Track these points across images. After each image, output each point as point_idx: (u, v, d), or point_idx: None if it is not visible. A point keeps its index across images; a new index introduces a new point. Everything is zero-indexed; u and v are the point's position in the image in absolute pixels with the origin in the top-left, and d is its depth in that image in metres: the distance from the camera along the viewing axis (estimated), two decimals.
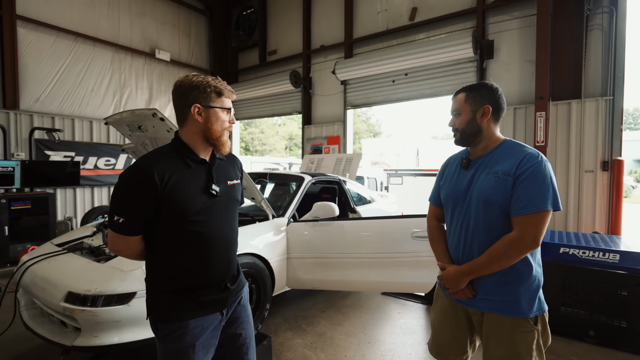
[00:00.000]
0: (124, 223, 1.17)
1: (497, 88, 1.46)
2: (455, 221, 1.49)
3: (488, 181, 1.37)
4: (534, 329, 1.34)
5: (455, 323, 1.53)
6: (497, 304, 1.38)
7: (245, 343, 1.41)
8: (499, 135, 1.47)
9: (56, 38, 6.51)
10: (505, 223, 1.35)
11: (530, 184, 1.28)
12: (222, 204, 1.31)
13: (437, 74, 6.35)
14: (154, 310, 1.26)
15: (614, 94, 4.86)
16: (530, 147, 1.39)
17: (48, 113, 6.44)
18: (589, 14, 4.99)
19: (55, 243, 2.85)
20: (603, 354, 2.71)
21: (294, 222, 3.23)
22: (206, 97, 1.23)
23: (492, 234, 1.36)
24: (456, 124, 1.48)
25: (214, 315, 1.29)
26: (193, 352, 1.23)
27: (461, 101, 1.47)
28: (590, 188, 5.01)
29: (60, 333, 2.11)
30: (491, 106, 1.43)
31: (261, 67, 9.07)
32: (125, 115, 2.59)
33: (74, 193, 6.81)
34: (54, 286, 2.14)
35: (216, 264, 1.30)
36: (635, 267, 2.71)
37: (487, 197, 1.36)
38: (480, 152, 1.47)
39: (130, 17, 7.66)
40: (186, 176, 1.22)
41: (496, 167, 1.38)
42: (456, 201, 1.49)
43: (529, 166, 1.30)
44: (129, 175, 1.17)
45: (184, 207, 1.20)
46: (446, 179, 1.58)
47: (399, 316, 3.44)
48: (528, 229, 1.27)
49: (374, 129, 34.21)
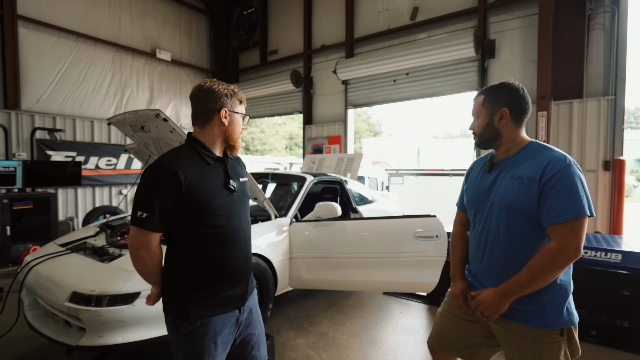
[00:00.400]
0: (147, 218, 1.19)
1: (518, 88, 1.38)
2: (477, 226, 1.45)
3: (511, 186, 1.31)
4: (560, 340, 1.27)
5: (469, 325, 1.47)
6: (520, 313, 1.31)
7: (258, 341, 1.46)
8: (524, 137, 1.40)
9: (57, 38, 6.52)
10: (527, 229, 1.29)
11: (561, 190, 1.20)
12: (238, 199, 1.38)
13: (438, 74, 6.36)
14: (174, 307, 1.27)
15: (615, 94, 4.86)
16: (557, 150, 1.30)
17: (49, 113, 6.45)
18: (590, 14, 4.99)
19: (58, 243, 2.86)
20: (605, 353, 2.71)
21: (296, 222, 3.23)
22: (232, 103, 1.35)
23: (513, 241, 1.31)
24: (475, 127, 1.46)
25: (233, 313, 1.33)
26: (215, 348, 1.27)
27: (479, 104, 1.44)
28: (592, 188, 5.01)
29: (65, 333, 2.12)
30: (509, 109, 1.37)
31: (262, 66, 9.07)
32: (129, 115, 2.60)
33: (76, 193, 6.82)
34: (59, 286, 2.15)
35: (238, 257, 1.35)
36: (637, 267, 2.71)
37: (510, 203, 1.30)
38: (503, 155, 1.42)
39: (131, 17, 7.66)
40: (207, 172, 1.29)
41: (520, 172, 1.31)
42: (478, 205, 1.44)
43: (556, 171, 1.22)
44: (153, 171, 1.22)
45: (208, 201, 1.25)
46: (470, 182, 1.55)
47: (400, 316, 3.44)
48: (567, 237, 1.19)
49: (375, 128, 34.21)
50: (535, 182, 1.25)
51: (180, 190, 1.20)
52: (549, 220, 1.22)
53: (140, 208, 1.20)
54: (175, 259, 1.30)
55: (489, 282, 1.38)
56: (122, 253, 2.44)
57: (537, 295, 1.27)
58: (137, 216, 1.19)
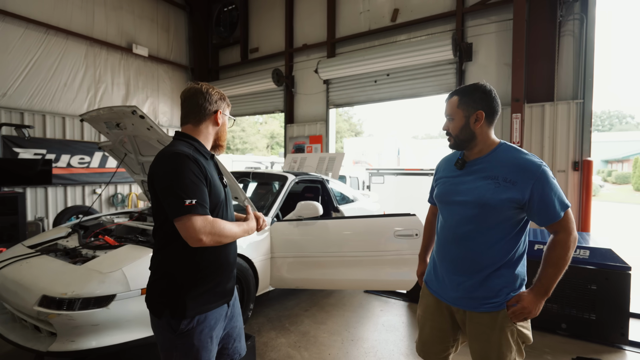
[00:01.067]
0: (197, 204, 1.17)
1: (491, 90, 1.43)
2: (448, 220, 1.50)
3: (488, 186, 1.37)
4: (512, 326, 1.38)
5: (439, 321, 1.56)
6: (478, 303, 1.41)
7: (239, 333, 1.52)
8: (494, 138, 1.46)
9: (25, 29, 6.19)
10: (499, 225, 1.38)
11: (547, 193, 1.31)
12: (228, 195, 1.45)
13: (418, 75, 6.47)
14: (170, 306, 1.24)
15: (584, 98, 5.10)
16: (527, 152, 1.39)
17: (17, 108, 6.13)
18: (561, 20, 5.21)
19: (27, 245, 2.72)
20: (574, 345, 2.84)
21: (277, 221, 3.21)
22: (224, 106, 1.45)
23: (486, 235, 1.40)
24: (450, 128, 1.46)
25: (224, 307, 1.38)
26: (211, 342, 1.31)
27: (454, 106, 1.44)
28: (562, 187, 5.23)
29: (34, 338, 2.02)
30: (484, 111, 1.40)
31: (243, 64, 8.95)
32: (103, 112, 2.51)
33: (46, 192, 6.51)
34: (27, 290, 2.04)
35: (231, 251, 1.41)
36: (603, 263, 2.85)
37: (487, 201, 1.36)
38: (476, 155, 1.46)
39: (106, 10, 7.38)
40: (208, 165, 1.34)
41: (495, 172, 1.38)
42: (450, 201, 1.49)
43: (538, 176, 1.31)
44: (178, 161, 1.20)
45: (217, 191, 1.31)
46: (441, 178, 1.59)
47: (381, 313, 3.49)
48: (570, 226, 1.35)
49: (356, 128, 34.46)
50: (515, 185, 1.33)
51: (205, 176, 1.26)
52: (550, 220, 1.34)
53: (185, 196, 1.16)
54: (171, 257, 1.28)
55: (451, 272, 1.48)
56: (95, 254, 2.35)
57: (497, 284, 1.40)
58: (185, 205, 1.15)
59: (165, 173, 1.20)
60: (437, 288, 1.56)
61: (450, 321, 1.54)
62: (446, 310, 1.54)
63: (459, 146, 1.48)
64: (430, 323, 1.59)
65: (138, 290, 2.07)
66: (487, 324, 1.40)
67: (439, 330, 1.57)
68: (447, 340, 1.57)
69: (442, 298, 1.53)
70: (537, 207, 1.32)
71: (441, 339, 1.57)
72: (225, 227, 1.25)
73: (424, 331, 1.62)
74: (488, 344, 1.40)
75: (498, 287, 1.39)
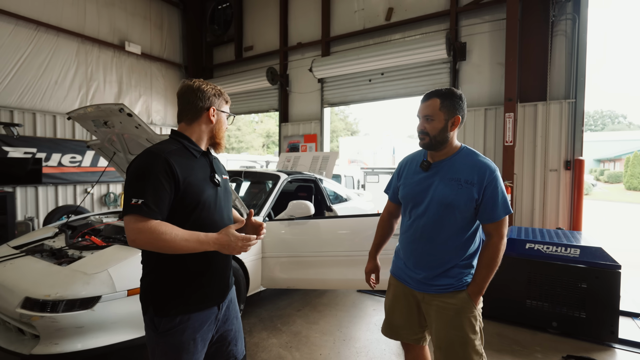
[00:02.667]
0: (143, 204, 1.14)
1: (464, 98, 1.54)
2: (412, 219, 1.59)
3: (450, 187, 1.49)
4: (475, 310, 1.49)
5: (407, 306, 1.65)
6: (441, 288, 1.52)
7: (235, 336, 1.47)
8: (457, 141, 1.57)
9: (15, 26, 6.10)
10: (459, 223, 1.50)
11: (495, 195, 1.46)
12: (222, 194, 1.40)
13: (412, 74, 6.47)
14: (154, 303, 1.25)
15: (576, 97, 5.13)
16: (483, 156, 1.53)
17: (6, 106, 6.03)
18: (554, 20, 5.23)
19: (12, 245, 2.68)
20: (565, 343, 2.85)
21: (269, 221, 3.19)
22: (220, 102, 1.39)
23: (447, 232, 1.51)
24: (427, 128, 1.51)
25: (212, 309, 1.33)
26: (194, 345, 1.26)
27: (436, 108, 1.49)
28: (554, 186, 5.27)
29: (17, 341, 1.98)
30: (461, 117, 1.51)
31: (237, 63, 8.90)
32: (90, 110, 2.47)
33: (36, 191, 6.43)
34: (10, 291, 2.00)
35: (220, 256, 1.35)
36: (593, 261, 2.86)
37: (450, 202, 1.48)
38: (442, 157, 1.55)
39: (98, 6, 7.29)
40: (195, 164, 1.31)
41: (458, 175, 1.49)
42: (415, 201, 1.58)
43: (491, 179, 1.46)
44: (143, 159, 1.21)
45: (195, 191, 1.26)
46: (405, 178, 1.65)
47: (374, 313, 3.48)
48: (503, 231, 1.48)
49: (352, 127, 34.48)
50: (474, 186, 1.46)
51: (174, 176, 1.20)
52: (489, 219, 1.47)
53: (134, 195, 1.14)
54: (156, 254, 1.25)
55: (416, 266, 1.59)
56: (82, 255, 2.32)
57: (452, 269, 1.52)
58: (131, 204, 1.13)
59: (130, 171, 1.21)
60: (404, 276, 1.65)
61: (417, 308, 1.63)
62: (412, 298, 1.63)
63: (432, 147, 1.54)
64: (399, 309, 1.68)
65: (124, 291, 2.04)
66: (448, 307, 1.50)
67: (407, 314, 1.66)
68: (416, 325, 1.65)
69: (408, 283, 1.62)
70: (484, 204, 1.46)
71: (410, 323, 1.66)
72: (166, 235, 1.13)
73: (393, 316, 1.71)
74: (454, 329, 1.48)
75: (460, 276, 1.52)
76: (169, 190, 1.19)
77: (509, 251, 3.17)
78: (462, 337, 1.47)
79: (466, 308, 1.49)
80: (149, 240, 1.13)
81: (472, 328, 1.48)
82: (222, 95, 1.40)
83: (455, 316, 1.49)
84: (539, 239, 3.19)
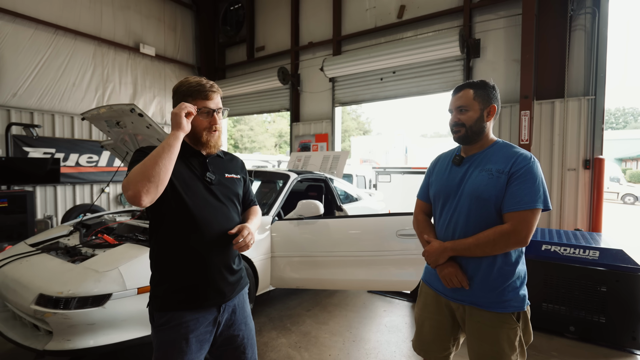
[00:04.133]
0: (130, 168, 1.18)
1: (497, 88, 1.47)
2: (445, 216, 1.49)
3: (481, 178, 1.38)
4: (516, 326, 1.35)
5: (439, 319, 1.52)
6: (480, 299, 1.38)
7: (243, 343, 1.41)
8: (492, 135, 1.49)
9: (35, 30, 6.29)
10: (496, 218, 1.36)
11: (523, 182, 1.31)
12: (218, 193, 1.35)
13: (424, 72, 6.37)
14: (153, 298, 1.29)
15: (595, 94, 4.95)
16: (521, 148, 1.41)
17: (26, 108, 6.23)
18: (572, 15, 5.06)
19: (29, 243, 2.75)
20: (582, 349, 2.75)
21: (278, 220, 3.18)
22: (182, 100, 1.29)
23: (480, 228, 1.37)
24: (462, 119, 1.43)
25: (210, 311, 1.30)
26: (186, 344, 1.24)
27: (470, 98, 1.42)
28: (572, 186, 5.10)
29: (32, 337, 2.03)
30: (496, 106, 1.44)
31: (249, 63, 8.95)
32: (103, 110, 2.52)
33: (55, 191, 6.61)
34: (25, 288, 2.05)
35: (212, 254, 1.30)
36: (614, 264, 2.75)
37: (480, 193, 1.37)
38: (476, 150, 1.47)
39: (113, 10, 7.45)
40: (183, 162, 1.29)
41: (489, 165, 1.39)
42: (447, 196, 1.48)
43: (522, 165, 1.33)
44: (133, 156, 1.24)
45: (183, 188, 1.25)
46: (437, 175, 1.58)
47: (384, 314, 3.44)
48: (521, 225, 1.29)
49: (364, 127, 34.30)
50: (505, 174, 1.34)
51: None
52: (508, 207, 1.32)
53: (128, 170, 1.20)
54: (155, 250, 1.32)
55: None
56: (95, 253, 2.36)
57: (500, 282, 1.37)
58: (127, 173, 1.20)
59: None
60: (437, 285, 1.52)
61: (451, 319, 1.50)
62: (446, 308, 1.50)
63: (468, 139, 1.45)
64: (429, 322, 1.55)
65: (134, 289, 2.07)
66: (488, 323, 1.37)
67: (438, 328, 1.53)
68: (448, 339, 1.52)
69: (442, 294, 1.50)
70: (508, 191, 1.32)
71: (441, 338, 1.53)
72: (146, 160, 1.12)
73: (423, 329, 1.58)
74: (489, 343, 1.36)
75: (501, 286, 1.36)
76: None
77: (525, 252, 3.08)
78: (497, 352, 1.34)
79: (504, 320, 1.35)
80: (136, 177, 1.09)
81: (509, 343, 1.33)
82: (197, 90, 1.28)
83: (490, 328, 1.36)
84: (556, 241, 3.09)
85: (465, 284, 1.39)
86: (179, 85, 1.32)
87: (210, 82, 1.32)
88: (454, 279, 1.40)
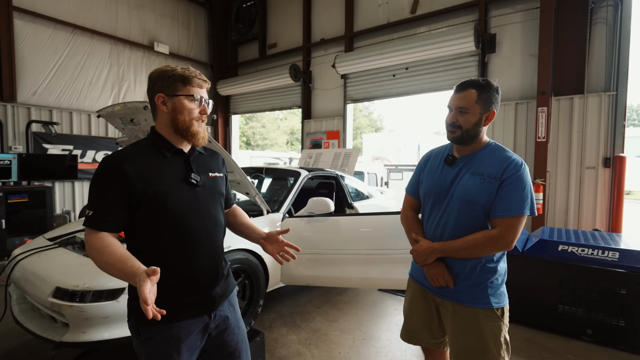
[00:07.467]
0: (92, 216, 1.09)
1: (500, 90, 1.45)
2: (434, 216, 1.50)
3: (473, 182, 1.40)
4: (500, 321, 1.39)
5: (426, 311, 1.58)
6: (464, 296, 1.43)
7: (239, 347, 1.37)
8: (486, 137, 1.50)
9: (53, 30, 6.45)
10: (484, 220, 1.40)
11: (513, 189, 1.33)
12: (204, 196, 1.26)
13: (438, 68, 6.27)
14: (136, 311, 1.17)
15: (617, 90, 4.78)
16: (512, 152, 1.43)
17: (46, 106, 6.41)
18: (593, 7, 4.89)
19: (47, 237, 2.83)
20: (600, 352, 2.67)
21: (289, 217, 3.19)
22: (170, 86, 1.17)
23: (469, 231, 1.40)
24: (460, 121, 1.40)
25: (200, 318, 1.23)
26: (178, 356, 1.18)
27: (472, 100, 1.38)
28: (591, 185, 4.95)
29: (50, 328, 2.09)
30: (496, 111, 1.42)
31: (261, 60, 8.99)
32: (118, 108, 2.56)
33: (73, 186, 6.80)
34: (43, 281, 2.12)
35: (200, 259, 1.23)
36: (634, 266, 2.66)
37: (472, 197, 1.38)
38: (469, 150, 1.47)
39: (129, 9, 7.58)
40: (162, 165, 1.18)
41: (481, 169, 1.40)
42: (438, 197, 1.49)
43: (513, 172, 1.35)
44: (99, 167, 1.14)
45: (161, 195, 1.14)
46: (428, 173, 1.58)
47: (395, 312, 3.41)
48: (508, 230, 1.34)
49: (376, 124, 34.06)
50: (496, 180, 1.36)
51: (127, 184, 1.11)
52: (497, 213, 1.36)
53: (88, 205, 1.13)
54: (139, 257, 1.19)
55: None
56: None
57: (484, 279, 1.42)
58: (86, 215, 1.11)
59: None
60: (424, 280, 1.56)
61: (436, 313, 1.56)
62: (432, 302, 1.56)
63: (463, 141, 1.44)
64: (417, 312, 1.61)
65: None
66: (473, 318, 1.41)
67: (426, 319, 1.59)
68: (435, 329, 1.58)
69: (429, 289, 1.55)
70: (498, 197, 1.35)
71: (430, 328, 1.59)
72: (95, 252, 1.06)
73: (411, 321, 1.64)
74: (474, 337, 1.39)
75: (484, 283, 1.41)
76: (121, 200, 1.11)
77: (540, 253, 3.01)
78: (482, 347, 1.37)
79: (488, 315, 1.39)
80: (92, 253, 1.08)
81: (494, 337, 1.37)
82: (174, 77, 1.16)
83: (475, 323, 1.39)
84: (574, 241, 3.01)
85: (450, 283, 1.44)
86: (164, 70, 1.18)
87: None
88: (441, 279, 1.45)
